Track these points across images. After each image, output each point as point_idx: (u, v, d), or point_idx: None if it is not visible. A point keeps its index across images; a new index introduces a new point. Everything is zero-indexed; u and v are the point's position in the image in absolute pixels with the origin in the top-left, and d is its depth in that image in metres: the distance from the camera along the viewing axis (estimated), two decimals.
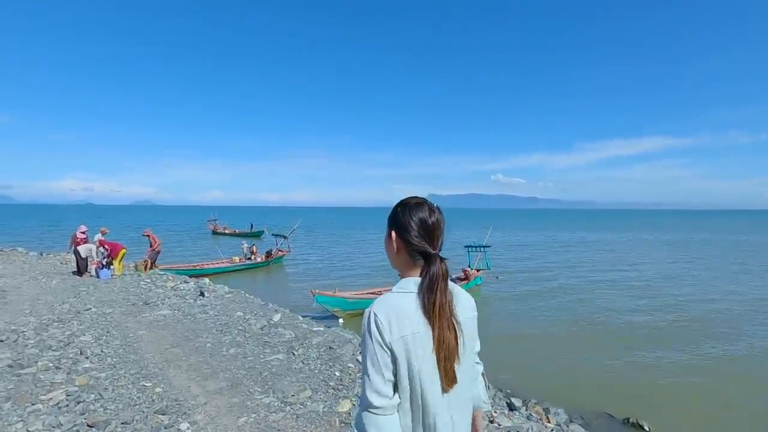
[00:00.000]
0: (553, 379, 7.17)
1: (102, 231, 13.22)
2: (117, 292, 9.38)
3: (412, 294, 1.10)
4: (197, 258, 21.48)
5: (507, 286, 15.86)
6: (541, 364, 7.86)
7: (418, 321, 1.07)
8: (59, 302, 8.23)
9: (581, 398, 6.35)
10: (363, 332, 1.09)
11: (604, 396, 6.46)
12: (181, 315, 7.30)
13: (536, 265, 22.07)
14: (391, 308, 1.07)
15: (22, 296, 9.03)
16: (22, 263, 15.16)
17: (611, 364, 7.93)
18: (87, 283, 10.64)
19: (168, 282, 10.62)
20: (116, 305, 8.00)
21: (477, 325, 1.28)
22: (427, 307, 1.08)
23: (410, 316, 1.07)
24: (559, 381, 7.07)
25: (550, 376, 7.24)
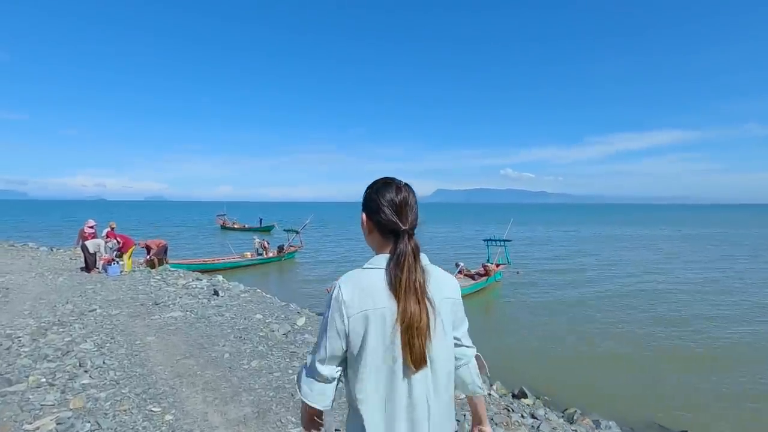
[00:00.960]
0: (596, 386, 6.42)
1: (111, 226, 12.53)
2: (125, 290, 8.64)
3: (381, 270, 1.08)
4: (208, 253, 20.87)
5: (529, 283, 15.01)
6: (579, 369, 7.13)
7: (383, 297, 1.05)
8: (63, 302, 7.50)
9: (629, 408, 5.72)
10: (326, 301, 1.09)
11: (655, 406, 5.82)
12: (194, 318, 6.51)
13: (556, 260, 21.06)
14: (356, 283, 1.07)
15: (25, 294, 8.34)
16: (31, 259, 14.60)
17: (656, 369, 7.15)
18: (94, 280, 9.93)
19: (179, 279, 9.87)
20: (123, 306, 7.24)
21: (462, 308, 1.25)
22: (393, 283, 1.05)
23: (375, 291, 1.05)
24: (602, 389, 6.31)
25: (590, 383, 6.55)
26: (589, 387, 6.39)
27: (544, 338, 8.84)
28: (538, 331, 9.33)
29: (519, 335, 9.07)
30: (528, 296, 13.08)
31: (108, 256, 11.11)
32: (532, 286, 14.58)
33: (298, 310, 7.48)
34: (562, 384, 6.40)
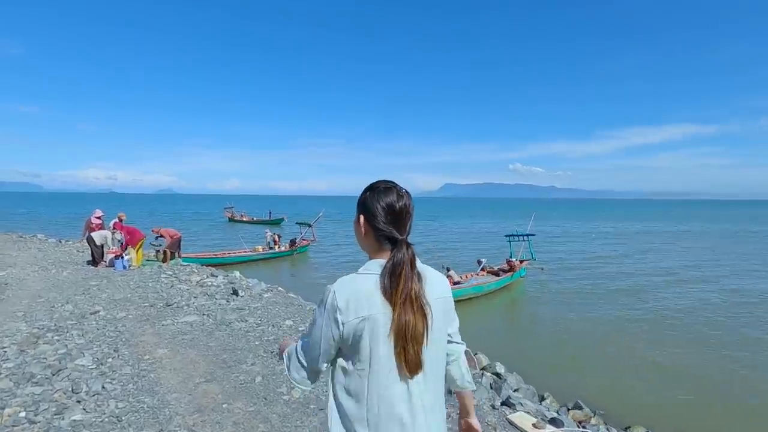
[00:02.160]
0: (656, 400, 5.67)
1: (119, 217, 11.56)
2: (133, 287, 7.63)
3: (375, 276, 1.05)
4: (217, 246, 19.95)
5: (554, 279, 14.05)
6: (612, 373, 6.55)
7: (377, 303, 1.02)
8: (63, 301, 6.51)
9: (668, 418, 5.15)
10: (319, 303, 1.06)
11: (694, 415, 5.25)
12: (212, 324, 5.46)
13: (578, 256, 19.90)
14: (351, 289, 1.03)
15: (24, 291, 7.37)
16: (37, 251, 13.74)
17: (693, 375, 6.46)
18: (100, 275, 8.95)
19: (193, 276, 8.85)
20: (131, 307, 6.22)
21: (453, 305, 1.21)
22: (389, 291, 1.02)
23: (369, 297, 1.02)
24: (664, 404, 5.53)
25: (648, 396, 5.85)
26: (647, 400, 5.65)
27: (584, 342, 8.05)
28: (576, 334, 8.48)
29: (556, 338, 8.25)
30: (556, 294, 12.16)
31: (116, 249, 10.13)
32: (559, 283, 13.62)
33: None
34: (617, 396, 5.72)
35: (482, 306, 10.94)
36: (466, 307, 10.58)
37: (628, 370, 6.67)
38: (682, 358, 7.19)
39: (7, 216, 40.48)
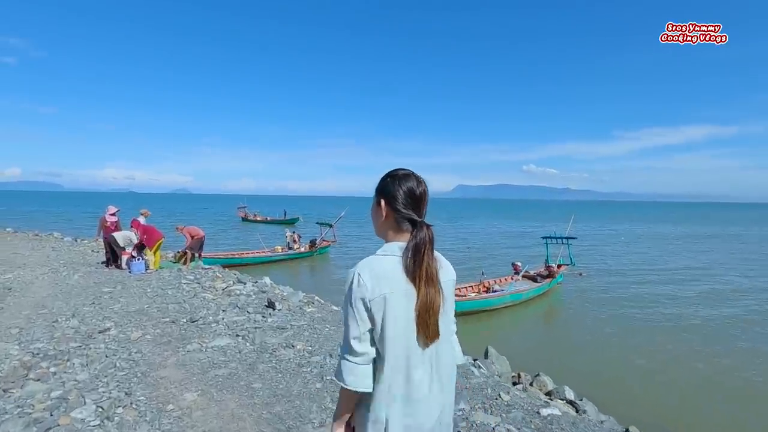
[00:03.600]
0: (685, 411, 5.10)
1: (143, 213, 10.51)
2: (151, 296, 6.51)
3: (395, 257, 1.12)
4: (233, 246, 18.94)
5: (594, 286, 12.76)
6: (693, 398, 5.71)
7: (400, 280, 1.10)
8: (69, 313, 5.40)
9: None
10: (346, 292, 1.11)
11: None
12: (251, 350, 4.24)
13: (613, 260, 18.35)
14: (374, 269, 1.09)
15: (26, 299, 6.31)
16: (51, 250, 12.83)
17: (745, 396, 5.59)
18: (114, 280, 7.87)
19: (217, 281, 7.70)
20: (148, 322, 5.07)
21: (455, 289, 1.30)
22: (412, 269, 1.10)
23: (391, 276, 1.10)
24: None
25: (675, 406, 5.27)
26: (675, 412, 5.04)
27: (645, 357, 7.06)
28: (632, 350, 7.41)
29: (610, 353, 7.27)
30: (598, 302, 10.82)
31: (129, 250, 9.06)
32: (600, 290, 12.31)
33: None
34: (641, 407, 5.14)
35: (520, 315, 9.79)
36: (502, 315, 9.46)
37: (707, 391, 5.81)
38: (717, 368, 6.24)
39: (27, 214, 40.27)
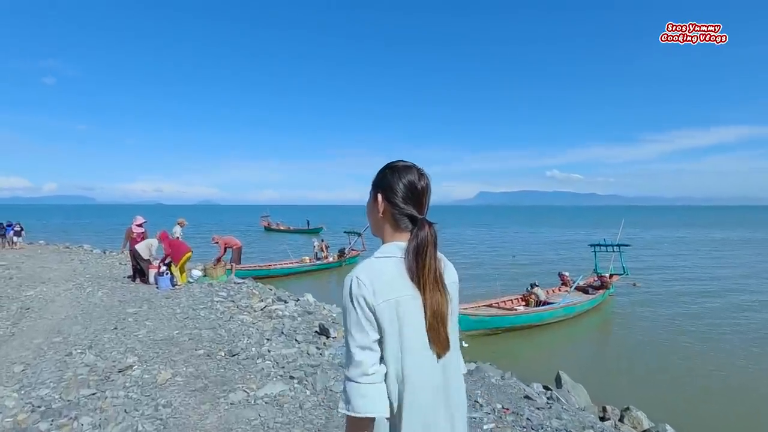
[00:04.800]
0: None
1: (179, 223, 9.75)
2: (180, 318, 5.57)
3: (396, 258, 0.97)
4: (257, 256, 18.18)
5: (651, 298, 11.29)
6: None
7: (404, 285, 0.95)
8: (86, 341, 4.49)
9: None
10: (344, 298, 0.95)
11: None
12: (317, 404, 3.10)
13: (661, 267, 16.66)
14: (374, 273, 0.94)
15: (43, 321, 5.49)
16: (79, 263, 12.28)
17: None
18: (141, 298, 7.01)
19: (254, 299, 6.72)
20: (178, 356, 4.08)
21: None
22: (416, 272, 0.96)
23: (395, 280, 0.94)
24: None
25: None
26: None
27: (727, 382, 6.05)
28: (714, 373, 6.37)
29: (692, 379, 6.19)
30: (660, 317, 9.42)
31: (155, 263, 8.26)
32: (658, 302, 10.90)
33: None
34: None
35: (574, 331, 8.63)
36: (554, 331, 8.43)
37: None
38: None
39: (60, 227, 41.00)
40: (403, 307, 0.93)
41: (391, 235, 1.03)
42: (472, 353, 6.42)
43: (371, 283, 0.92)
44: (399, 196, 1.00)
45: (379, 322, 0.91)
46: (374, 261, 0.97)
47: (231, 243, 10.09)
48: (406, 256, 0.96)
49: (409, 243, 0.97)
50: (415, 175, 1.02)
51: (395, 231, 1.02)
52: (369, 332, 0.91)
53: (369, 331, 0.91)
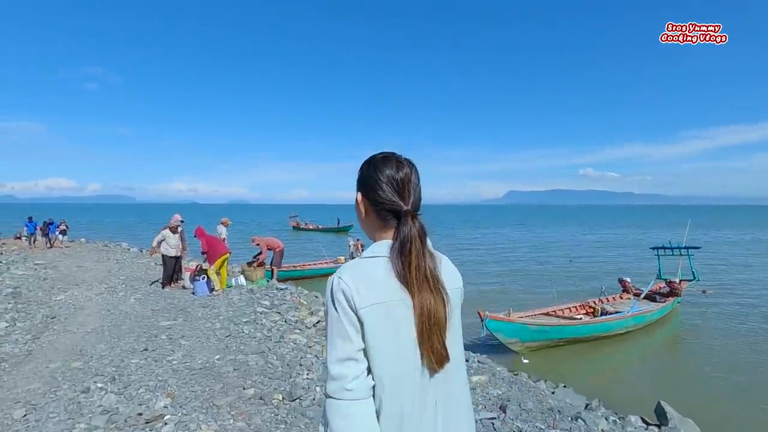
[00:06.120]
0: None
1: (224, 222, 9.01)
2: (221, 337, 4.61)
3: (383, 258, 0.85)
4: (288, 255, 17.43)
5: (725, 306, 9.71)
6: None
7: (393, 288, 0.83)
8: (109, 370, 3.58)
9: None
10: (326, 302, 0.84)
11: None
12: None
13: (730, 272, 14.45)
14: (360, 274, 0.83)
15: (65, 337, 4.71)
16: (115, 262, 11.85)
17: None
18: (176, 307, 6.17)
19: (301, 310, 5.72)
20: (223, 398, 3.07)
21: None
22: (402, 272, 0.83)
23: (382, 283, 0.83)
24: None
25: None
26: None
27: None
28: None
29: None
30: (738, 329, 7.97)
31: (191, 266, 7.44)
32: (734, 311, 9.30)
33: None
34: None
35: (645, 344, 7.39)
36: (622, 343, 7.21)
37: None
38: None
39: (102, 225, 42.19)
40: (392, 313, 0.81)
41: (379, 233, 0.92)
42: (536, 370, 5.29)
43: (355, 284, 0.81)
44: (378, 191, 0.89)
45: (363, 330, 0.79)
46: (361, 261, 0.87)
47: (272, 245, 9.18)
48: (391, 255, 0.84)
49: (394, 240, 0.86)
50: (393, 165, 0.90)
51: (383, 229, 0.91)
52: (353, 340, 0.79)
53: (353, 338, 0.79)
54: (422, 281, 0.83)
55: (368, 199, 0.92)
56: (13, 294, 6.85)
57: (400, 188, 0.89)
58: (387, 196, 0.89)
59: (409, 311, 0.82)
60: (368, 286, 0.81)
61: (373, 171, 0.91)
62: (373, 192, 0.90)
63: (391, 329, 0.81)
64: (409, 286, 0.83)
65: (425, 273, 0.84)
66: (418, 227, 0.87)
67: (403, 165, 0.91)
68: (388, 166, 0.91)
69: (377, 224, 0.92)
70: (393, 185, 0.89)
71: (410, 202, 0.90)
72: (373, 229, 0.94)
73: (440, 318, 0.84)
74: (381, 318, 0.80)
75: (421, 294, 0.83)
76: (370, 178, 0.91)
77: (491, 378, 3.46)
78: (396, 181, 0.89)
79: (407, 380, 0.81)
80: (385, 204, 0.89)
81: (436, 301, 0.84)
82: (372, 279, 0.82)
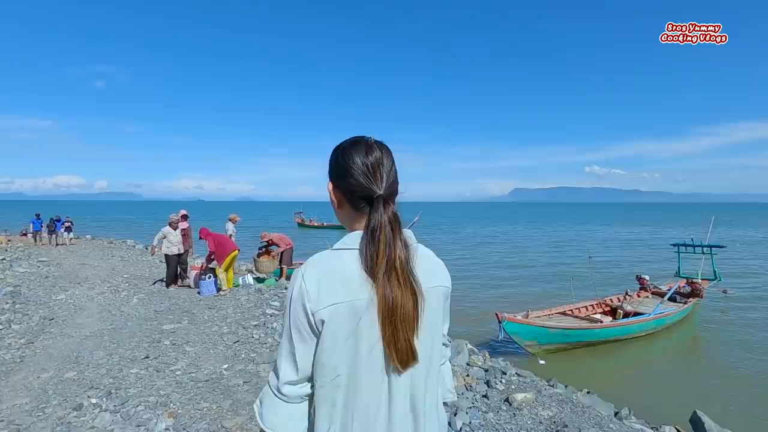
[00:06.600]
0: None
1: (231, 219, 8.67)
2: (229, 343, 4.24)
3: (354, 251, 0.79)
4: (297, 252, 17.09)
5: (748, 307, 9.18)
6: None
7: (359, 285, 0.76)
8: (105, 383, 3.22)
9: None
10: (286, 298, 0.81)
11: None
12: None
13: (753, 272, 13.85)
14: (324, 269, 0.78)
15: (61, 342, 4.37)
16: (120, 259, 11.58)
17: None
18: (180, 308, 5.82)
19: None
20: (230, 417, 2.68)
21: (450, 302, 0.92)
22: (369, 263, 0.76)
23: (350, 278, 0.76)
24: None
25: None
26: None
27: None
28: None
29: None
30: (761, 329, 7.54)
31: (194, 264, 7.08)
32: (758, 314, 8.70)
33: None
34: None
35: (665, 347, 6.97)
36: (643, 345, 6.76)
37: None
38: None
39: (108, 222, 42.22)
40: (355, 311, 0.74)
41: (354, 223, 0.85)
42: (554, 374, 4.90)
43: (317, 283, 0.75)
44: (348, 179, 0.82)
45: (322, 329, 0.75)
46: (329, 254, 0.80)
47: (281, 241, 8.81)
48: (361, 247, 0.78)
49: (364, 229, 0.79)
50: (362, 149, 0.83)
51: (357, 218, 0.84)
52: (297, 344, 0.76)
53: (297, 343, 0.76)
54: (390, 273, 0.76)
55: (339, 187, 0.85)
56: (12, 293, 6.54)
57: (371, 173, 0.82)
58: (358, 182, 0.82)
59: (374, 309, 0.75)
60: (331, 283, 0.76)
61: (342, 157, 0.85)
62: (344, 179, 0.84)
63: (350, 328, 0.75)
64: (374, 276, 0.76)
65: (394, 264, 0.76)
66: (390, 214, 0.80)
67: (373, 148, 0.84)
68: (358, 150, 0.84)
69: (351, 214, 0.86)
70: (364, 170, 0.82)
71: (383, 186, 0.82)
72: (348, 219, 0.87)
73: (407, 314, 0.76)
74: (342, 317, 0.75)
75: (386, 287, 0.75)
76: (339, 165, 0.85)
77: (537, 396, 3.04)
78: (366, 166, 0.82)
79: (367, 381, 0.76)
80: (357, 191, 0.82)
81: (405, 295, 0.76)
82: (338, 275, 0.76)
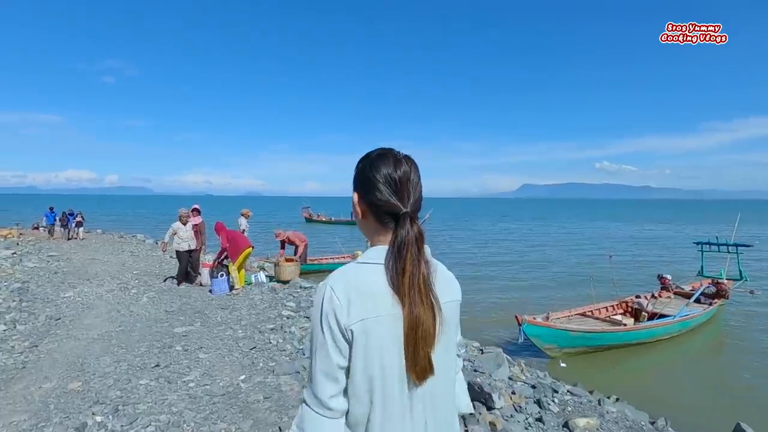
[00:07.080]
0: None
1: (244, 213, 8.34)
2: (245, 350, 3.91)
3: (379, 266, 0.79)
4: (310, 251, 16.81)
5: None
6: None
7: (386, 300, 0.77)
8: (111, 398, 2.90)
9: None
10: (314, 312, 0.80)
11: None
12: None
13: None
14: (352, 283, 0.77)
15: (66, 346, 4.12)
16: (130, 255, 11.37)
17: None
18: (192, 308, 5.52)
19: None
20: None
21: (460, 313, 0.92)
22: (395, 279, 0.77)
23: (376, 293, 0.77)
24: None
25: None
26: None
27: None
28: None
29: None
30: None
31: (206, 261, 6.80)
32: None
33: None
34: None
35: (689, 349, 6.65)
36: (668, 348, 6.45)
37: None
38: None
39: (119, 216, 42.37)
40: (382, 327, 0.75)
41: (377, 236, 0.84)
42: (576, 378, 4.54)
43: (347, 296, 0.75)
44: (374, 192, 0.82)
45: (351, 346, 0.75)
46: (355, 268, 0.80)
47: (296, 239, 8.47)
48: (386, 262, 0.78)
49: (390, 245, 0.79)
50: (390, 163, 0.83)
51: (380, 232, 0.83)
52: (333, 358, 0.75)
53: (334, 356, 0.75)
54: (414, 291, 0.76)
55: (365, 199, 0.84)
56: (20, 290, 6.30)
57: (398, 188, 0.81)
58: (384, 197, 0.80)
59: (399, 323, 0.76)
60: (360, 299, 0.75)
61: (370, 169, 0.83)
62: (370, 193, 0.82)
63: (378, 343, 0.75)
64: (401, 296, 0.76)
65: (418, 281, 0.77)
66: (416, 231, 0.80)
67: (401, 162, 0.83)
68: (386, 163, 0.82)
69: (374, 227, 0.84)
70: (391, 185, 0.81)
71: (409, 203, 0.81)
72: (371, 231, 0.86)
73: (428, 330, 0.77)
74: (371, 332, 0.74)
75: (411, 305, 0.76)
76: (365, 177, 0.83)
77: (602, 422, 2.66)
78: (394, 180, 0.81)
79: (392, 393, 0.77)
80: (383, 206, 0.81)
81: (426, 312, 0.77)
82: (365, 290, 0.76)
